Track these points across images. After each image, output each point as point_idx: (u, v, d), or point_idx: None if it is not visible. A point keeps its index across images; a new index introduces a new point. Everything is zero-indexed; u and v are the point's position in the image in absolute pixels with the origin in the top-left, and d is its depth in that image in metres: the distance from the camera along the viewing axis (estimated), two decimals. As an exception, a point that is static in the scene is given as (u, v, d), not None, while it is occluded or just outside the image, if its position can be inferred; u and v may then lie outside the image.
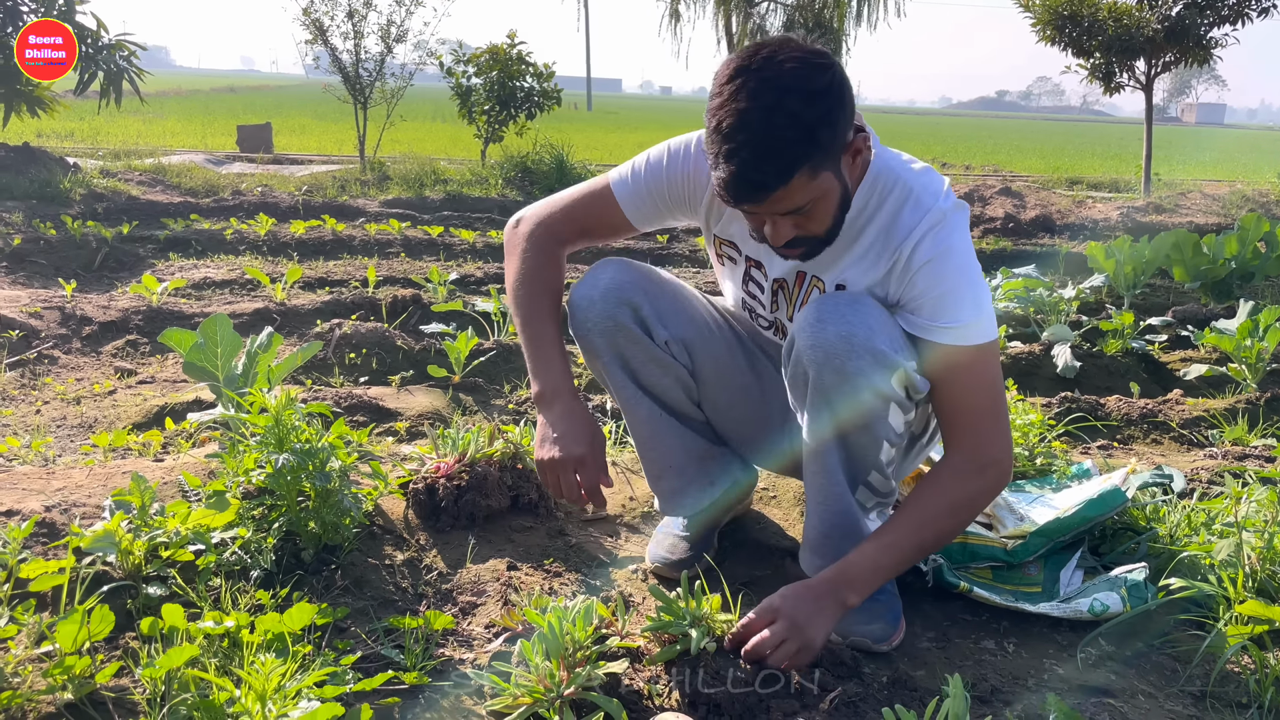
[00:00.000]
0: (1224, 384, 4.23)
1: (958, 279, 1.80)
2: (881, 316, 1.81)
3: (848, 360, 1.77)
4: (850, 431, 1.85)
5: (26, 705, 1.56)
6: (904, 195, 1.82)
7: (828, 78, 1.62)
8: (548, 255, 2.09)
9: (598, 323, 2.05)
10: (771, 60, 1.62)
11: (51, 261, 6.06)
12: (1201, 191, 13.62)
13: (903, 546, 1.85)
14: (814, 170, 1.65)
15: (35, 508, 2.16)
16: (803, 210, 1.71)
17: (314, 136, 18.79)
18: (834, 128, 1.64)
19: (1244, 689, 1.85)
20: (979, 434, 1.86)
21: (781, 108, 1.59)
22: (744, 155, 1.60)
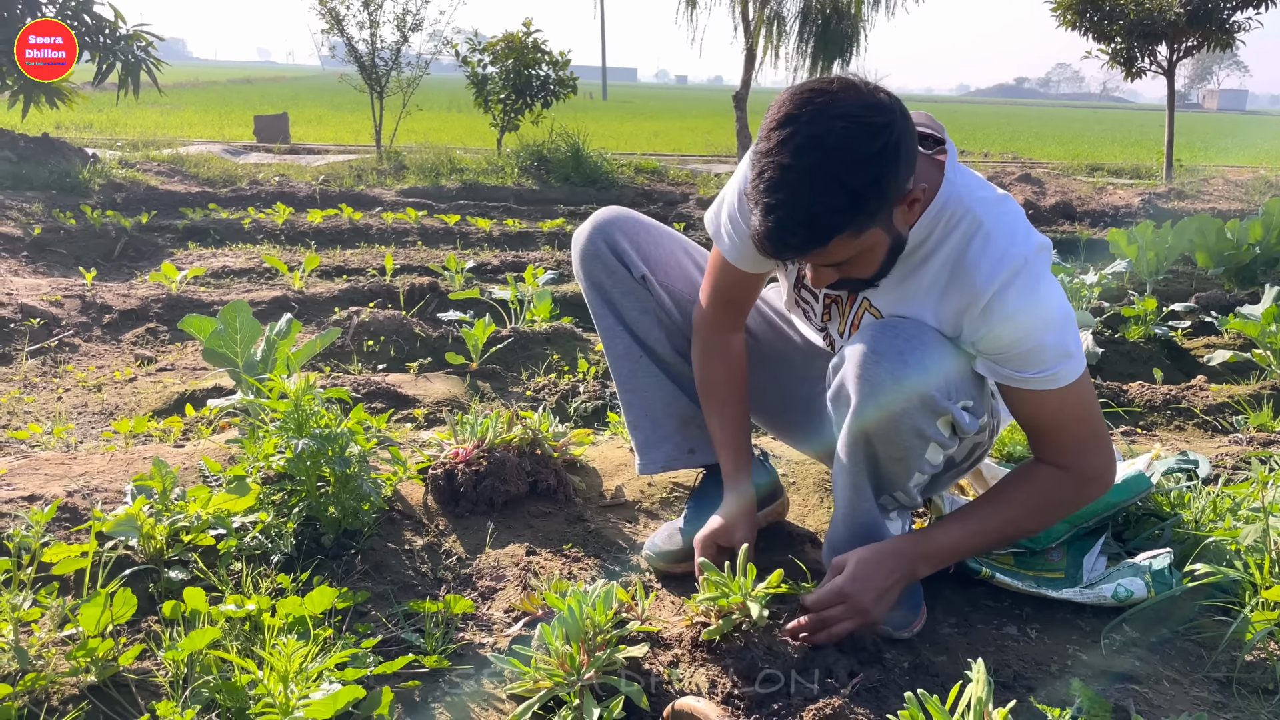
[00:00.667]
0: (1248, 370, 4.19)
1: (1045, 332, 1.70)
2: (939, 355, 1.73)
3: (894, 401, 1.71)
4: (884, 459, 1.82)
5: (50, 687, 1.57)
6: (973, 228, 1.71)
7: (881, 140, 1.49)
8: (714, 352, 2.13)
9: (580, 252, 2.17)
10: (823, 113, 1.49)
11: (71, 251, 6.11)
12: (1224, 178, 13.48)
13: (988, 536, 1.87)
14: (856, 233, 1.56)
15: (58, 493, 2.17)
16: (844, 264, 1.65)
17: (330, 127, 18.84)
18: (882, 194, 1.53)
19: (1270, 675, 1.82)
20: (1082, 454, 1.83)
21: (825, 172, 1.48)
22: (780, 215, 1.51)
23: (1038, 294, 1.70)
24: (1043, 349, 1.71)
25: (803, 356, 2.26)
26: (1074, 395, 1.76)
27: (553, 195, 9.98)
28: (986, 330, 1.72)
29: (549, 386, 3.68)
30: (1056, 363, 1.72)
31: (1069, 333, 1.74)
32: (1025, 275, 1.68)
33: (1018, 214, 1.76)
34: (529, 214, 8.71)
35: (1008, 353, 1.73)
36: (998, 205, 1.74)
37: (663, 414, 2.22)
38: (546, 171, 11.02)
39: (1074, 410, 1.79)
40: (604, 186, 10.59)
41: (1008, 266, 1.67)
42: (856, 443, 1.80)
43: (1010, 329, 1.70)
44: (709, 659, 1.78)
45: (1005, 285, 1.67)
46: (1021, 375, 1.74)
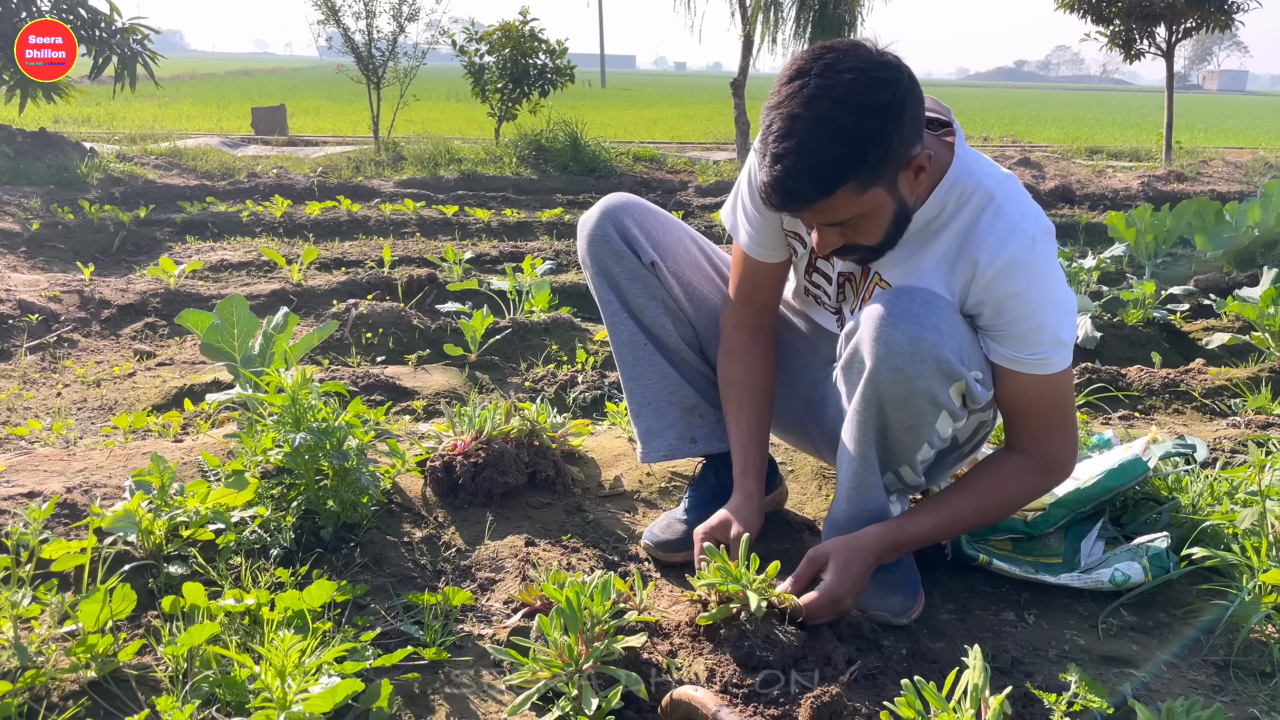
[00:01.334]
0: (1247, 353, 4.18)
1: (1046, 314, 1.74)
2: (954, 322, 1.75)
3: (909, 363, 1.71)
4: (895, 428, 1.82)
5: (50, 683, 1.58)
6: (984, 201, 1.75)
7: (887, 94, 1.55)
8: (736, 352, 2.14)
9: (588, 236, 2.16)
10: (832, 68, 1.55)
11: (70, 245, 6.10)
12: (1224, 159, 13.44)
13: (954, 527, 1.90)
14: (861, 187, 1.59)
15: (57, 489, 2.18)
16: (848, 224, 1.67)
17: (328, 118, 18.80)
18: (886, 147, 1.57)
19: (1268, 658, 1.83)
20: (1051, 440, 1.86)
21: (831, 120, 1.53)
22: (786, 163, 1.56)
23: (1045, 274, 1.73)
24: (1041, 330, 1.74)
25: (808, 346, 2.26)
26: (1055, 383, 1.80)
27: (551, 185, 9.96)
28: (991, 302, 1.75)
29: (547, 377, 3.68)
30: (1050, 348, 1.75)
31: (1067, 320, 1.77)
32: (1033, 253, 1.71)
33: (1023, 192, 1.79)
34: (527, 204, 8.70)
35: (1007, 329, 1.76)
36: (1007, 182, 1.78)
37: (665, 403, 2.22)
38: (545, 161, 11.00)
39: (1052, 396, 1.83)
40: (602, 175, 10.57)
41: (1016, 241, 1.71)
42: (868, 409, 1.80)
43: (1014, 305, 1.73)
44: (707, 648, 1.78)
45: (1012, 260, 1.70)
46: (1014, 354, 1.77)
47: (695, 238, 2.29)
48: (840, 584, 1.77)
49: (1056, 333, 1.76)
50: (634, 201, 2.19)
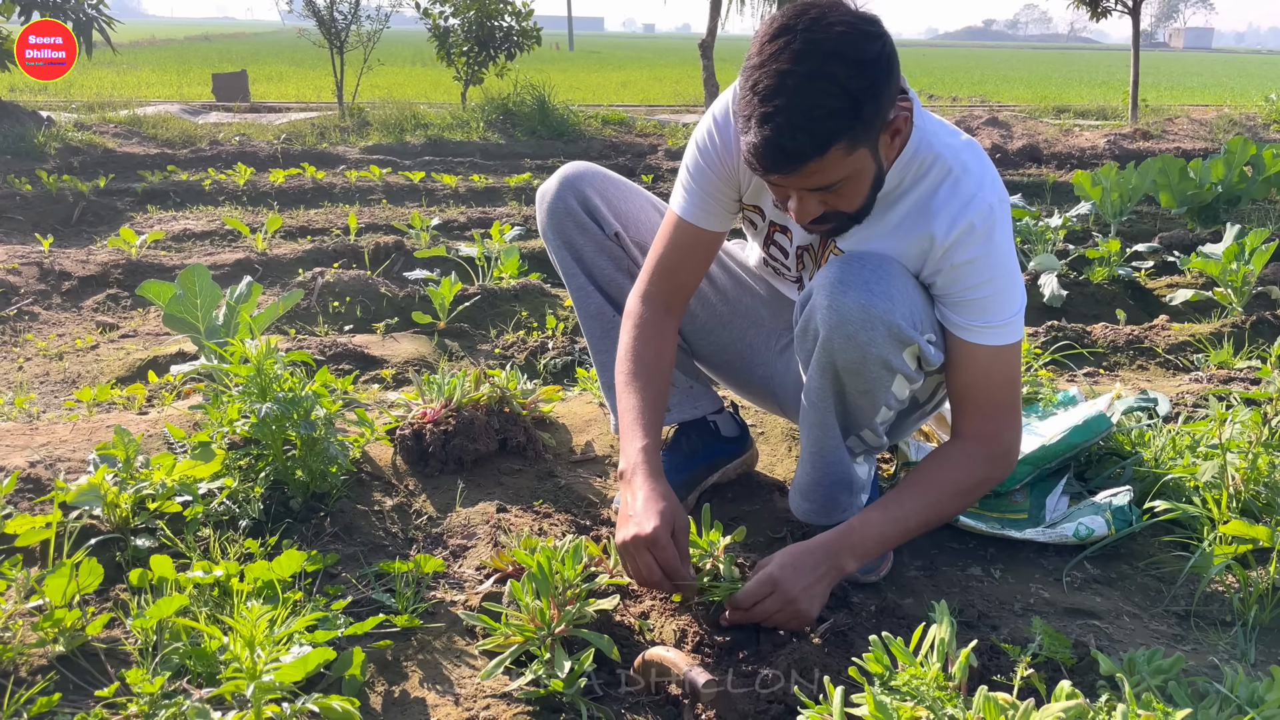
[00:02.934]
0: (1210, 309, 4.24)
1: (999, 282, 1.73)
2: (905, 286, 1.74)
3: (861, 330, 1.70)
4: (851, 393, 1.82)
5: (18, 659, 1.57)
6: (943, 173, 1.72)
7: (878, 47, 1.52)
8: (650, 330, 1.98)
9: (549, 209, 2.12)
10: (819, 22, 1.50)
11: (28, 217, 5.98)
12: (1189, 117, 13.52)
13: (909, 522, 1.81)
14: (852, 145, 1.54)
15: (19, 463, 2.15)
16: (833, 188, 1.62)
17: (291, 84, 18.48)
18: (878, 101, 1.53)
19: (1228, 607, 1.87)
20: (996, 424, 1.82)
21: (826, 73, 1.47)
22: (779, 121, 1.49)
23: (1001, 244, 1.72)
24: (993, 299, 1.74)
25: (771, 311, 2.25)
26: (1004, 359, 1.79)
27: (519, 149, 9.86)
28: (947, 269, 1.73)
29: (518, 344, 3.67)
30: (1002, 317, 1.75)
31: (1018, 292, 1.77)
32: (991, 222, 1.69)
33: (984, 160, 1.76)
34: (495, 169, 8.62)
35: (960, 297, 1.75)
36: (966, 151, 1.75)
37: None
38: (512, 125, 10.88)
39: (1001, 374, 1.80)
40: (571, 139, 10.48)
41: (974, 210, 1.69)
42: (824, 376, 1.80)
43: (969, 272, 1.72)
44: (679, 610, 1.80)
45: (971, 227, 1.69)
46: (965, 322, 1.76)
47: (657, 204, 2.26)
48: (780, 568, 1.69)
49: (1010, 303, 1.75)
50: (594, 170, 2.15)
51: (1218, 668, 1.67)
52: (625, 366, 1.96)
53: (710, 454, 2.31)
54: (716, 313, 2.24)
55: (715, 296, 2.24)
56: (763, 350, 2.25)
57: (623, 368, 1.96)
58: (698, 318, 2.24)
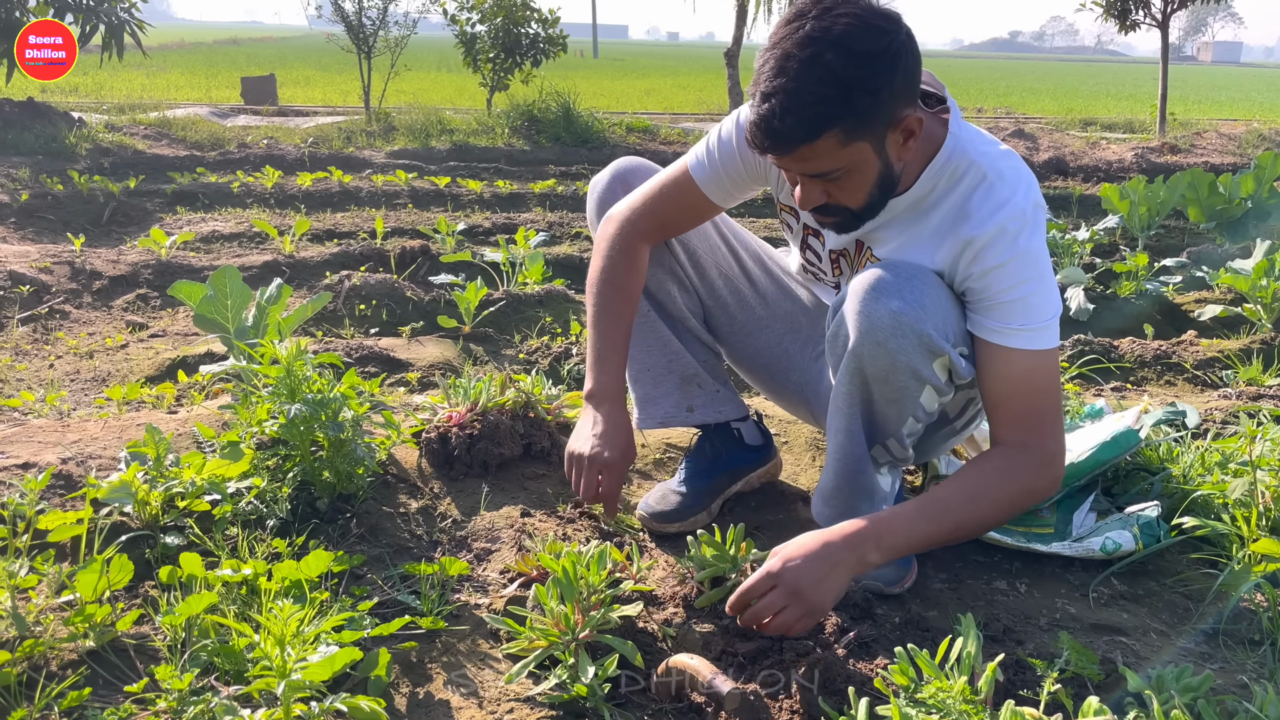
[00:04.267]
0: (1239, 324, 4.20)
1: (1032, 286, 1.71)
2: (938, 297, 1.73)
3: (891, 338, 1.71)
4: (879, 401, 1.81)
5: (49, 653, 1.59)
6: (977, 179, 1.73)
7: (882, 43, 1.54)
8: (629, 256, 2.03)
9: (599, 199, 2.16)
10: (830, 11, 1.55)
11: (60, 216, 6.06)
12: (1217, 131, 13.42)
13: (943, 523, 1.72)
14: (846, 136, 1.57)
15: (52, 460, 2.18)
16: (831, 176, 1.64)
17: (318, 88, 18.63)
18: (875, 95, 1.54)
19: (1256, 626, 1.85)
20: (1041, 433, 1.77)
21: (821, 61, 1.51)
22: (773, 102, 1.54)
23: (1035, 247, 1.72)
24: (1028, 301, 1.72)
25: (809, 319, 2.26)
26: (1045, 364, 1.75)
27: (543, 156, 9.91)
28: (980, 274, 1.73)
29: (541, 349, 3.68)
30: (1039, 320, 1.72)
31: (1053, 296, 1.75)
32: (1023, 225, 1.69)
33: (1020, 168, 1.76)
34: (520, 175, 8.66)
35: (994, 300, 1.73)
36: (1002, 159, 1.75)
37: (664, 370, 2.22)
38: (537, 131, 10.93)
39: (1042, 380, 1.75)
40: (595, 146, 10.51)
41: (1006, 214, 1.69)
42: (853, 382, 1.80)
43: (1002, 275, 1.71)
44: (703, 617, 1.80)
45: (1001, 231, 1.69)
46: (1003, 326, 1.73)
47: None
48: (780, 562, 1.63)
49: (1045, 307, 1.73)
50: (645, 165, 2.18)
51: (1247, 687, 1.66)
52: (607, 290, 2.03)
53: (734, 461, 2.31)
54: (756, 316, 2.24)
55: (755, 300, 2.24)
56: (799, 356, 2.25)
57: (605, 290, 2.03)
58: (736, 319, 2.24)
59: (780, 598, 1.61)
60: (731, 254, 2.25)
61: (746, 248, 2.28)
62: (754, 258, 2.28)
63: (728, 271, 2.23)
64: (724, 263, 2.24)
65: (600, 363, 1.99)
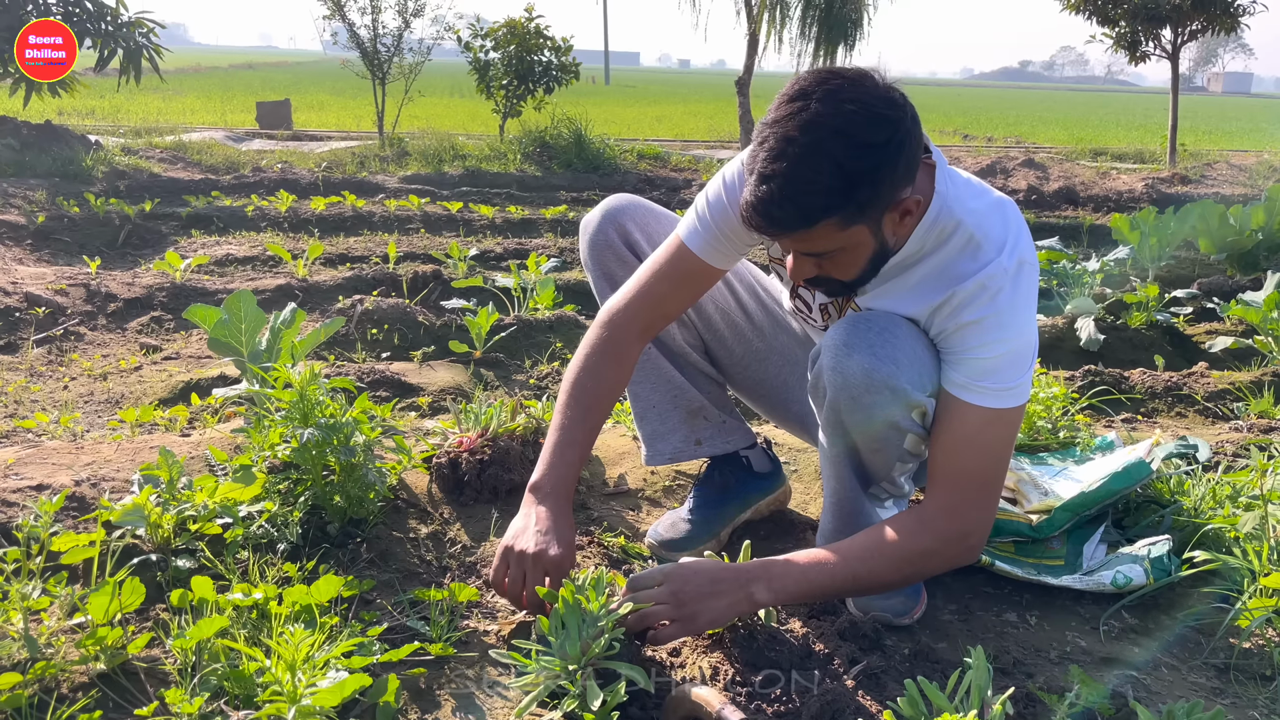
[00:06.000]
0: (1250, 356, 4.19)
1: (1005, 346, 1.67)
2: (911, 349, 1.72)
3: (865, 394, 1.70)
4: (864, 450, 1.82)
5: (60, 675, 1.59)
6: (963, 242, 1.70)
7: (887, 133, 1.50)
8: (612, 353, 1.95)
9: (590, 240, 2.15)
10: (835, 95, 1.50)
11: (75, 239, 6.12)
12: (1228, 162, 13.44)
13: (836, 574, 1.71)
14: (845, 222, 1.54)
15: (65, 482, 2.19)
16: (826, 256, 1.63)
17: (333, 113, 18.80)
18: (876, 186, 1.52)
19: (1268, 662, 1.84)
20: (964, 498, 1.73)
21: (825, 151, 1.47)
22: (772, 187, 1.50)
23: (1013, 306, 1.67)
24: (998, 360, 1.68)
25: (805, 350, 2.27)
26: (999, 426, 1.71)
27: (555, 182, 9.97)
28: (955, 328, 1.70)
29: (552, 374, 3.69)
30: (1006, 381, 1.68)
31: (1024, 362, 1.70)
32: (1004, 284, 1.66)
33: (1010, 223, 1.71)
34: (531, 200, 8.71)
35: (964, 354, 1.70)
36: (990, 216, 1.71)
37: (670, 406, 2.23)
38: (549, 158, 11.00)
39: (987, 443, 1.72)
40: (606, 173, 10.57)
41: (988, 272, 1.66)
42: (835, 434, 1.82)
43: (976, 331, 1.68)
44: (712, 646, 1.80)
45: (981, 288, 1.66)
46: (968, 381, 1.69)
47: None
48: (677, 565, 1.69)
49: (1013, 370, 1.69)
50: (635, 203, 2.17)
51: (1259, 723, 1.65)
52: (576, 386, 1.92)
53: (743, 490, 2.31)
54: (753, 349, 2.25)
55: (752, 333, 2.25)
56: (797, 388, 2.26)
57: (575, 383, 1.92)
58: (734, 353, 2.26)
59: (666, 610, 1.65)
60: (728, 288, 2.25)
61: (742, 280, 2.27)
62: (749, 290, 2.28)
63: (724, 306, 2.23)
64: (720, 298, 2.24)
65: (556, 454, 1.87)
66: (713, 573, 1.69)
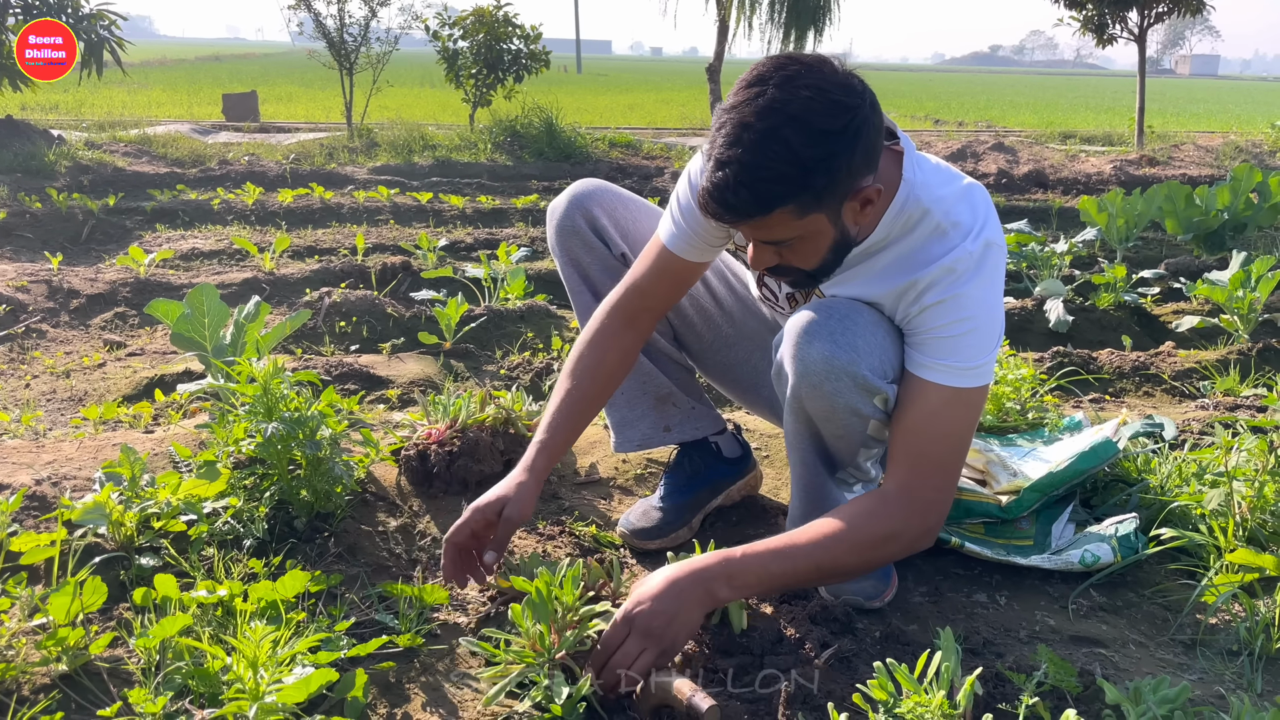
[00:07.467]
0: (1216, 335, 4.23)
1: (968, 326, 1.66)
2: (872, 335, 1.70)
3: (825, 381, 1.69)
4: (828, 437, 1.81)
5: (21, 677, 1.56)
6: (930, 228, 1.68)
7: (843, 120, 1.47)
8: (602, 338, 1.97)
9: (557, 226, 2.13)
10: (792, 81, 1.47)
11: (38, 235, 6.02)
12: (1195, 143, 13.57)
13: (798, 564, 1.66)
14: (801, 210, 1.52)
15: (25, 481, 2.15)
16: (784, 244, 1.61)
17: (301, 104, 18.61)
18: (832, 174, 1.49)
19: (1234, 637, 1.86)
20: (922, 478, 1.71)
21: (780, 137, 1.45)
22: (727, 173, 1.48)
23: (978, 286, 1.66)
24: (961, 340, 1.67)
25: (774, 335, 2.26)
26: (959, 406, 1.69)
27: (526, 171, 9.92)
28: (918, 311, 1.69)
29: (523, 365, 3.67)
30: (968, 360, 1.67)
31: (988, 342, 1.69)
32: (969, 267, 1.65)
33: (978, 208, 1.70)
34: (502, 190, 8.66)
35: (927, 335, 1.69)
36: (959, 202, 1.70)
37: (639, 393, 2.22)
38: (520, 147, 10.95)
39: (947, 422, 1.70)
40: (578, 161, 10.53)
41: (954, 256, 1.65)
42: (798, 420, 1.81)
43: (939, 312, 1.67)
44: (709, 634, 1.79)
45: (947, 271, 1.65)
46: (930, 360, 1.69)
47: None
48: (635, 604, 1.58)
49: (977, 349, 1.67)
50: (603, 189, 2.15)
51: (1224, 697, 1.66)
52: (566, 365, 1.98)
53: (712, 476, 2.31)
54: (722, 334, 2.24)
55: (721, 318, 2.24)
56: (767, 373, 2.25)
57: (565, 366, 1.99)
58: (704, 339, 2.25)
59: (635, 644, 1.56)
60: None
61: (713, 266, 2.26)
62: (719, 276, 2.27)
63: (694, 292, 2.22)
64: None
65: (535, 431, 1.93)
66: (670, 589, 1.60)
